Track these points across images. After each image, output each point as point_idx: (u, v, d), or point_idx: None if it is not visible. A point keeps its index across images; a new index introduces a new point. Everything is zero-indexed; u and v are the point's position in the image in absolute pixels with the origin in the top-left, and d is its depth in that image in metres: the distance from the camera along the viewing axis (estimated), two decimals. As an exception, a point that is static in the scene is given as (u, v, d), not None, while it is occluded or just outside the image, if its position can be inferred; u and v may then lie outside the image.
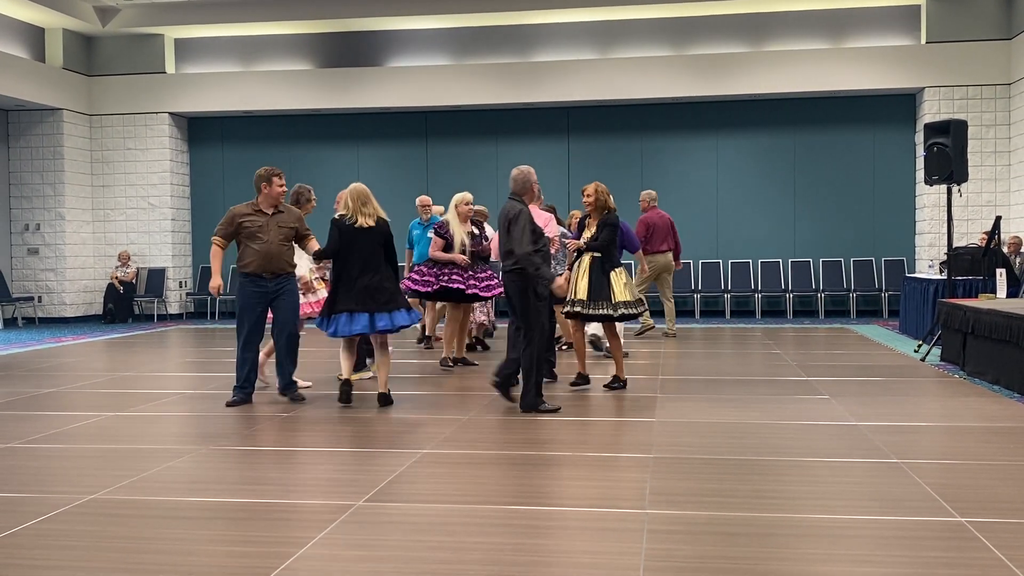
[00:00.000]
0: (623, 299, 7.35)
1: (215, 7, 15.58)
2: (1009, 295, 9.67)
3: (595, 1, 14.81)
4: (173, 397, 7.55)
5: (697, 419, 6.27)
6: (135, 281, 16.30)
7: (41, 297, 16.05)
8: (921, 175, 13.95)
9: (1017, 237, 12.67)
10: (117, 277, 16.09)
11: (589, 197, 7.48)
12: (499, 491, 4.48)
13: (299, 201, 7.95)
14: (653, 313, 12.44)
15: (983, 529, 3.79)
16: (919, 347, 9.83)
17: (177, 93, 16.31)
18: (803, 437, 5.66)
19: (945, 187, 10.31)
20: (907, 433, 5.75)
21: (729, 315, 15.50)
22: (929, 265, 13.20)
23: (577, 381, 7.68)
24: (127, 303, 16.18)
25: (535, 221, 6.76)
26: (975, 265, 10.60)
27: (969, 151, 11.11)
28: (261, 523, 4.02)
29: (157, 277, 16.38)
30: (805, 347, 10.64)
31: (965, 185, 11.13)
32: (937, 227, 14.40)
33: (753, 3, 14.75)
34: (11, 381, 8.62)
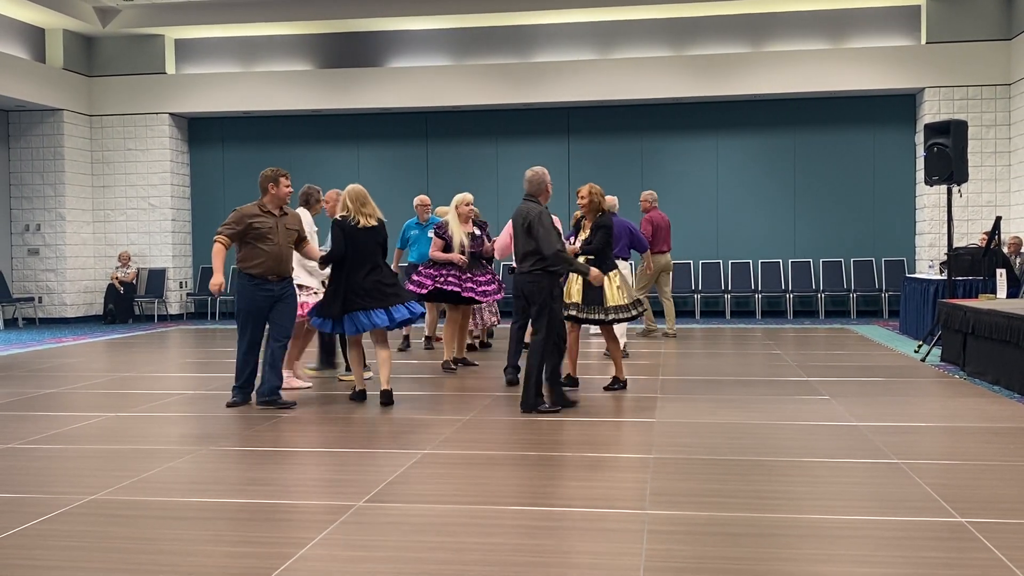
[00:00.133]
0: (615, 303, 7.34)
1: (215, 8, 15.59)
2: (1009, 295, 9.67)
3: (595, 1, 14.82)
4: (173, 398, 7.56)
5: (697, 419, 6.27)
6: (135, 281, 16.30)
7: (41, 298, 16.06)
8: (921, 175, 13.94)
9: (1017, 237, 12.67)
10: (117, 278, 16.09)
11: (583, 199, 7.45)
12: (499, 492, 4.49)
13: (308, 202, 7.93)
14: (654, 314, 12.43)
15: (983, 529, 3.79)
16: (919, 347, 9.84)
17: (177, 93, 16.31)
18: (803, 437, 5.66)
19: (945, 187, 10.32)
20: (907, 433, 5.75)
21: (729, 315, 15.50)
22: (929, 265, 13.20)
23: (564, 383, 7.55)
24: (127, 303, 16.18)
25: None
26: (975, 265, 10.60)
27: (969, 151, 11.12)
28: (261, 524, 4.02)
29: (157, 277, 16.38)
30: (805, 347, 10.64)
31: (965, 185, 11.13)
32: (937, 227, 14.40)
33: (753, 4, 14.75)
34: (12, 382, 8.62)
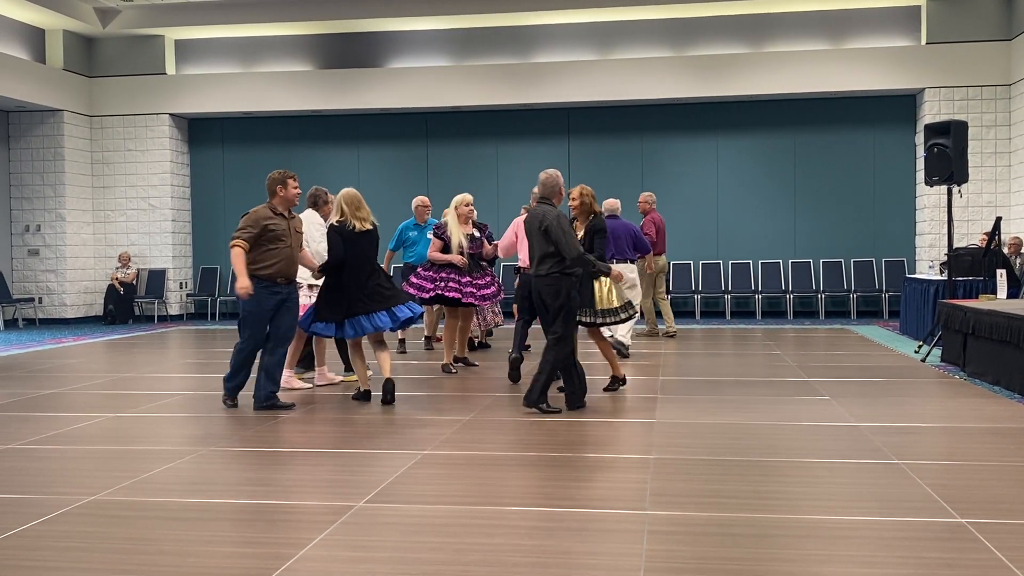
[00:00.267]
0: (604, 307, 7.31)
1: (215, 8, 15.59)
2: (1009, 296, 9.67)
3: (595, 2, 14.82)
4: (173, 398, 7.56)
5: (697, 420, 6.27)
6: (135, 282, 16.31)
7: (42, 298, 16.06)
8: (921, 176, 13.94)
9: (1017, 238, 12.67)
10: (117, 278, 16.10)
11: (574, 201, 7.38)
12: (500, 492, 4.49)
13: (316, 203, 7.91)
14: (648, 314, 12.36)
15: (983, 530, 3.79)
16: (919, 348, 9.83)
17: (177, 94, 16.32)
18: (803, 438, 5.66)
19: (945, 188, 10.32)
20: (907, 434, 5.75)
21: (729, 316, 15.50)
22: (929, 266, 13.19)
23: (611, 385, 7.61)
24: (127, 304, 16.18)
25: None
26: (975, 266, 10.60)
27: (969, 152, 11.12)
28: (261, 524, 4.02)
29: (157, 278, 16.39)
30: (805, 348, 10.64)
31: (965, 186, 11.13)
32: (937, 228, 14.40)
33: (753, 4, 14.76)
34: (12, 382, 8.62)
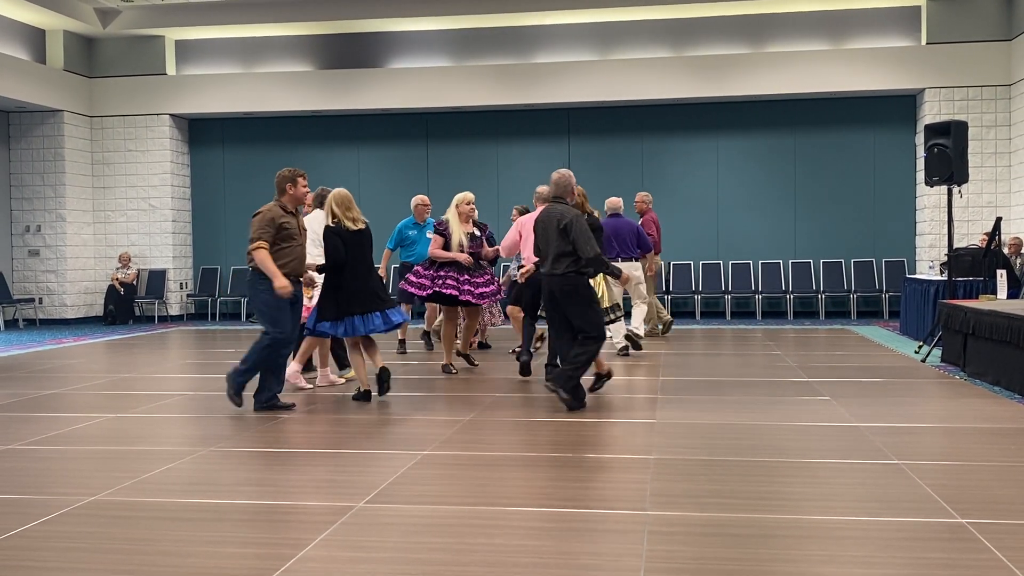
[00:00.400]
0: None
1: (216, 9, 15.59)
2: (1010, 296, 9.66)
3: (595, 3, 14.82)
4: (174, 399, 7.56)
5: (698, 420, 6.27)
6: (136, 282, 16.31)
7: (42, 299, 16.06)
8: (921, 176, 13.93)
9: (1018, 238, 12.67)
10: (118, 279, 16.10)
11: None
12: (500, 492, 4.49)
13: (323, 203, 7.93)
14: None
15: (984, 530, 3.79)
16: (920, 348, 9.83)
17: (178, 94, 16.32)
18: (804, 438, 5.66)
19: (945, 188, 10.31)
20: (908, 434, 5.75)
21: (730, 316, 15.50)
22: (930, 266, 13.19)
23: (596, 384, 7.48)
24: (128, 304, 16.19)
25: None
26: (976, 266, 10.59)
27: (969, 152, 11.12)
28: (262, 525, 4.02)
29: (158, 278, 16.39)
30: (806, 348, 10.64)
31: (965, 186, 11.12)
32: (937, 228, 14.40)
33: (753, 4, 14.76)
34: (12, 383, 8.62)
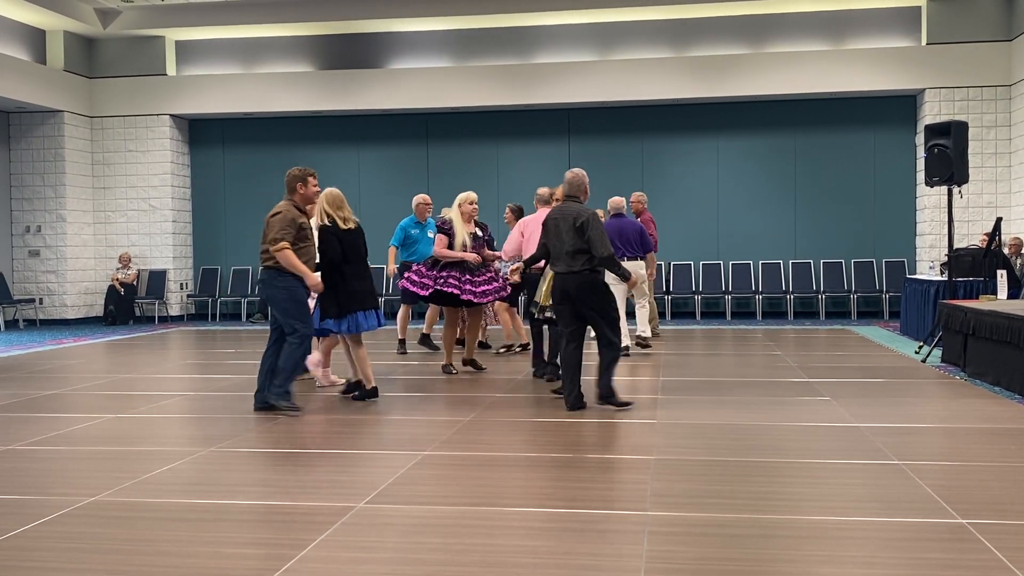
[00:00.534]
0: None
1: (216, 9, 15.59)
2: (1010, 296, 9.66)
3: (595, 3, 14.82)
4: (174, 399, 7.56)
5: (698, 421, 6.27)
6: (136, 283, 16.31)
7: (42, 299, 16.06)
8: (922, 176, 13.93)
9: (1018, 238, 12.66)
10: (118, 279, 16.10)
11: (559, 202, 7.28)
12: (500, 493, 4.49)
13: None
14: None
15: (984, 530, 3.79)
16: (920, 348, 9.83)
17: (178, 95, 16.32)
18: (804, 439, 5.66)
19: (946, 188, 10.31)
20: (908, 434, 5.75)
21: (730, 316, 15.50)
22: (930, 266, 13.19)
23: (559, 390, 7.25)
24: (128, 305, 16.19)
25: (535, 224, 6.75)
26: (976, 266, 10.59)
27: (970, 152, 11.11)
28: (262, 525, 4.02)
29: (158, 279, 16.39)
30: (806, 348, 10.64)
31: (966, 186, 11.12)
32: (938, 228, 14.40)
33: (754, 5, 14.76)
34: (12, 383, 8.62)
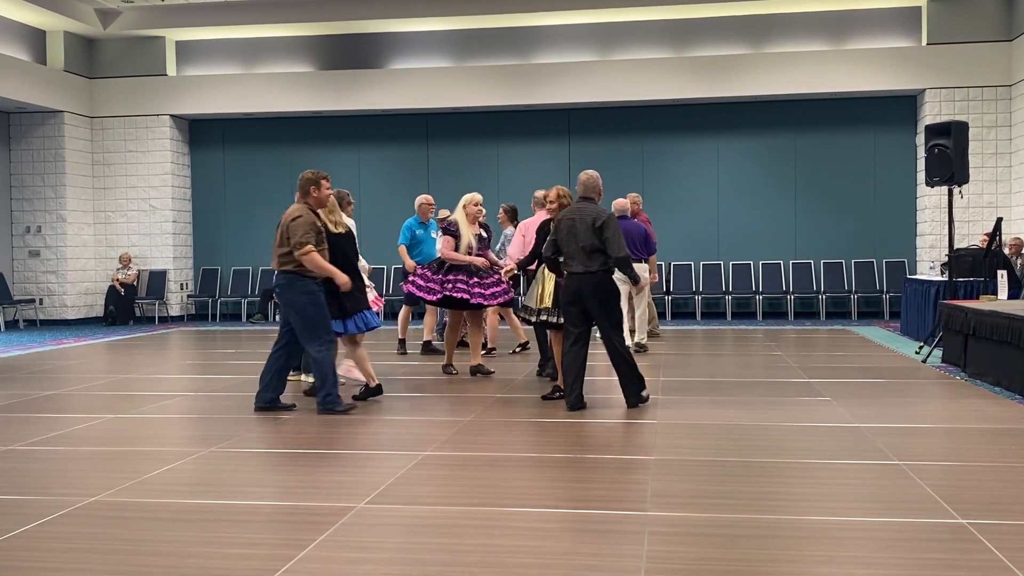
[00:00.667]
0: (543, 305, 7.21)
1: (216, 9, 15.59)
2: (1010, 297, 9.66)
3: (596, 3, 14.82)
4: (174, 399, 7.56)
5: (698, 421, 6.27)
6: (136, 283, 16.31)
7: (42, 299, 16.06)
8: (922, 176, 13.94)
9: (1018, 238, 12.66)
10: (118, 279, 16.10)
11: (552, 204, 7.24)
12: (500, 493, 4.49)
13: (341, 204, 7.96)
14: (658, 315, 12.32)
15: (985, 531, 3.79)
16: (920, 349, 9.83)
17: (178, 95, 16.32)
18: (804, 439, 5.66)
19: (946, 188, 10.31)
20: (908, 435, 5.75)
21: (730, 317, 15.49)
22: (930, 266, 13.19)
23: (557, 394, 7.20)
24: (128, 305, 16.19)
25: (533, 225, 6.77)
26: (976, 267, 10.59)
27: (970, 152, 11.10)
28: (262, 525, 4.02)
29: (158, 279, 16.39)
30: (806, 349, 10.64)
31: (966, 186, 11.12)
32: (938, 228, 14.40)
33: (754, 5, 14.76)
34: (12, 383, 8.62)
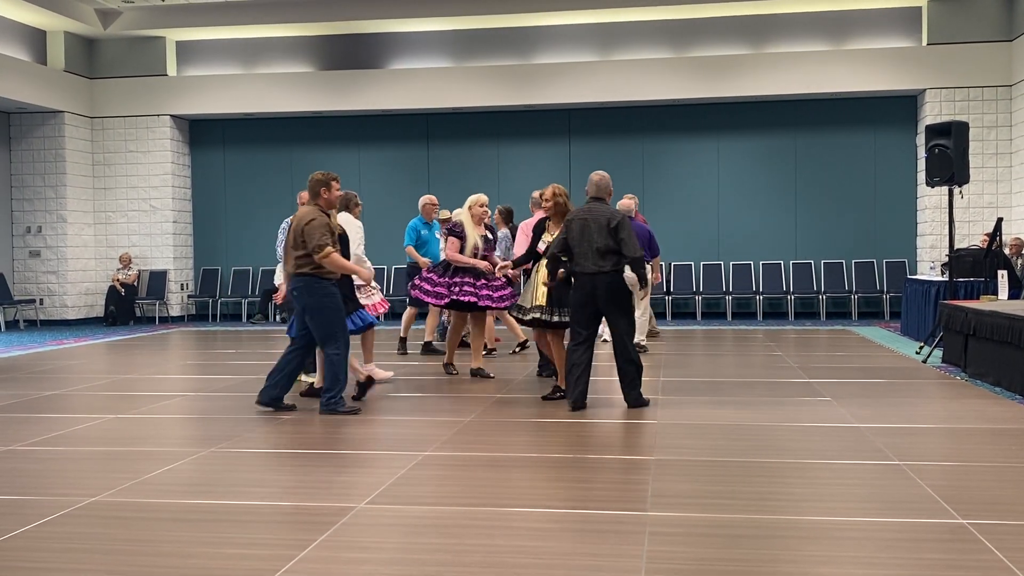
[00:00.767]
0: (538, 303, 7.19)
1: (216, 9, 15.59)
2: (1011, 297, 9.66)
3: (596, 3, 14.82)
4: (175, 399, 7.56)
5: (699, 421, 6.27)
6: (136, 283, 16.31)
7: (43, 300, 16.06)
8: (922, 177, 13.93)
9: (1018, 239, 12.66)
10: (118, 279, 16.10)
11: (548, 202, 7.22)
12: (500, 493, 4.48)
13: (348, 206, 8.03)
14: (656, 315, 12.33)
15: (985, 531, 3.78)
16: (920, 349, 9.83)
17: (178, 95, 16.32)
18: (805, 439, 5.66)
19: (946, 189, 10.31)
20: (909, 435, 5.75)
21: (731, 317, 15.49)
22: (930, 267, 13.19)
23: (557, 394, 7.21)
24: (128, 305, 16.19)
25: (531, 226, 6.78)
26: (976, 267, 10.59)
27: (970, 153, 11.10)
28: (262, 526, 4.02)
29: (158, 279, 16.39)
30: (806, 349, 10.64)
31: (966, 187, 11.12)
32: (938, 229, 14.40)
33: (754, 5, 14.75)
34: (13, 384, 8.62)
